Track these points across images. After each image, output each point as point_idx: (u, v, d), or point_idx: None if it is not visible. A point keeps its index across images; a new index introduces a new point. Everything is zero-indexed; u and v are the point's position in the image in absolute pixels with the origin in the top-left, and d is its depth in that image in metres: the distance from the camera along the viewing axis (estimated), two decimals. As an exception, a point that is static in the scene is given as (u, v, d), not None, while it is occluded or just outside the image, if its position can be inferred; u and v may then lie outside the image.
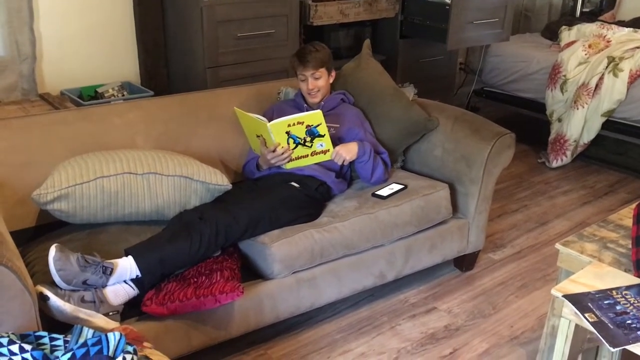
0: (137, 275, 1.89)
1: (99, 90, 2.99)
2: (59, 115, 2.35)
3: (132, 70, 3.29)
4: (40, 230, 2.15)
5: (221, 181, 2.20)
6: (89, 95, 2.99)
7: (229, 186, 2.23)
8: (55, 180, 1.98)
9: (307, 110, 2.47)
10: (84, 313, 1.75)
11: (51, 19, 2.94)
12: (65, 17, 2.99)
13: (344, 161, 2.39)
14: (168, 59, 3.32)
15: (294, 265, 2.17)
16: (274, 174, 2.43)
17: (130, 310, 1.90)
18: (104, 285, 1.84)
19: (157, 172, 2.09)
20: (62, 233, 2.10)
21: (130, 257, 1.90)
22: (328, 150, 2.37)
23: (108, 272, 1.84)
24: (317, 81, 2.52)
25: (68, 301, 1.74)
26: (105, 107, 2.48)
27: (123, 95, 3.01)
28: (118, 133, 2.33)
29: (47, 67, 2.99)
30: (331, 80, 2.61)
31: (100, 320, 1.76)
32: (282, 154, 2.32)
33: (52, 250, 1.78)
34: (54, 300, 1.72)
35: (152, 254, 1.92)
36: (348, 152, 2.39)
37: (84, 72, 3.09)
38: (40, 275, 1.87)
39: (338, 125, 2.53)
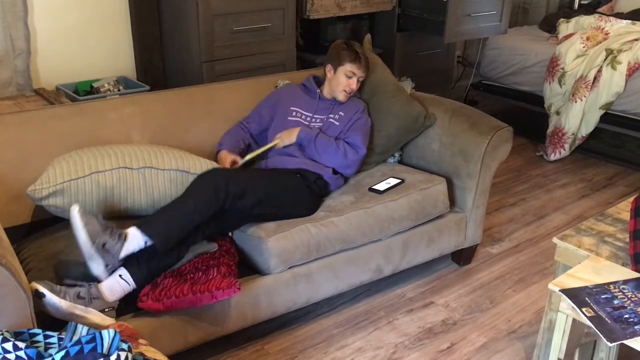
0: (148, 243, 1.87)
1: (95, 85, 2.97)
2: (54, 110, 2.33)
3: (128, 64, 3.26)
4: (35, 227, 2.14)
5: None
6: (85, 90, 2.97)
7: None
8: (50, 175, 1.96)
9: (319, 99, 2.57)
10: (79, 309, 1.74)
11: (46, 13, 2.92)
12: (60, 12, 2.97)
13: (286, 145, 2.46)
14: (164, 53, 3.30)
15: (291, 259, 2.16)
16: (271, 167, 2.43)
17: (125, 307, 1.89)
18: (119, 253, 1.82)
19: (152, 167, 2.08)
20: (57, 229, 2.09)
21: (133, 227, 1.88)
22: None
23: (123, 237, 1.84)
24: (357, 84, 2.57)
25: (64, 298, 1.73)
26: (100, 102, 2.47)
27: (119, 90, 2.99)
28: (114, 128, 2.32)
29: (42, 62, 2.97)
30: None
31: (96, 316, 1.76)
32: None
33: (75, 208, 1.79)
34: (50, 297, 1.71)
35: (158, 218, 1.93)
36: (288, 136, 2.47)
37: (79, 67, 3.07)
38: (35, 272, 1.86)
39: (342, 114, 2.55)
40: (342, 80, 2.52)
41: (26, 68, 2.87)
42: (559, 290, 1.64)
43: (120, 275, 1.87)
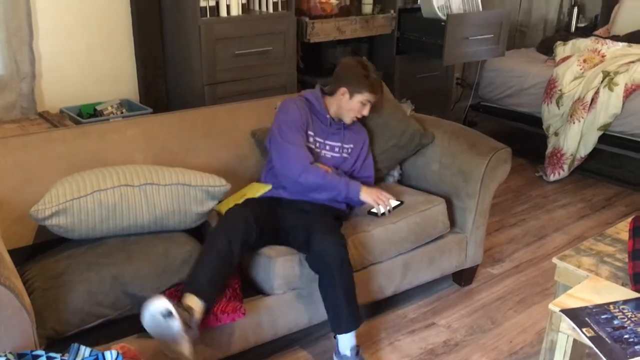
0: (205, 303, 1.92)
1: (98, 108, 3.01)
2: (57, 133, 2.36)
3: (131, 87, 3.31)
4: (38, 249, 2.15)
5: (219, 182, 2.18)
6: (88, 113, 3.01)
7: (228, 186, 2.20)
8: (53, 196, 1.98)
9: (330, 126, 2.45)
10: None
11: (51, 37, 2.97)
12: (65, 36, 3.02)
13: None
14: (166, 76, 3.35)
15: (294, 283, 2.17)
16: (296, 200, 2.36)
17: (129, 327, 1.90)
18: (197, 325, 1.88)
19: (153, 183, 2.10)
20: (61, 250, 2.10)
21: (190, 296, 1.91)
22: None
23: (192, 312, 1.87)
24: (369, 111, 2.48)
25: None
26: (104, 124, 2.50)
27: (122, 113, 3.02)
28: (117, 150, 2.34)
29: (46, 85, 3.01)
30: None
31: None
32: None
33: (166, 304, 1.79)
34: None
35: (201, 277, 1.96)
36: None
37: (83, 90, 3.11)
38: (40, 292, 1.86)
39: (352, 146, 2.51)
40: (355, 106, 2.42)
41: (31, 91, 2.91)
42: (559, 311, 1.65)
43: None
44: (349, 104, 2.42)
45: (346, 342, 2.14)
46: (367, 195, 2.34)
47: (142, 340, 1.87)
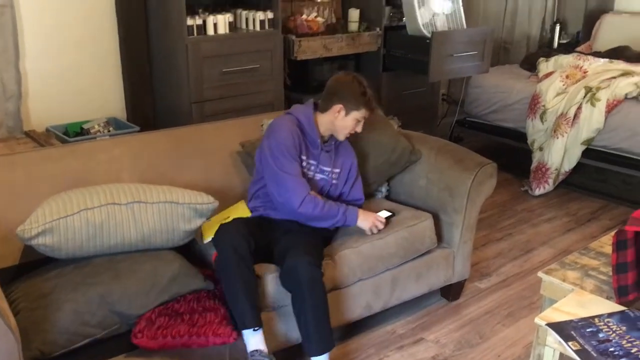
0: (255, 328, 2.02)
1: (85, 126, 3.01)
2: (44, 152, 2.36)
3: (118, 106, 3.31)
4: (24, 268, 2.13)
5: (207, 200, 2.18)
6: (75, 132, 3.00)
7: (216, 203, 2.20)
8: (39, 215, 1.97)
9: (312, 138, 2.38)
10: None
11: (37, 57, 2.97)
12: (52, 55, 3.02)
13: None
14: (154, 94, 3.35)
15: (280, 301, 2.17)
16: (284, 220, 2.36)
17: (117, 345, 1.89)
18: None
19: (141, 201, 2.09)
20: (47, 269, 2.09)
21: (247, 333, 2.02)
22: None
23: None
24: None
25: None
26: (90, 143, 2.50)
27: (109, 131, 3.02)
28: (104, 169, 2.34)
29: (32, 104, 3.01)
30: None
31: None
32: None
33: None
34: None
35: (243, 309, 2.03)
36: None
37: (70, 108, 3.11)
38: (26, 312, 1.85)
39: (339, 171, 2.47)
40: (350, 124, 2.36)
41: (17, 110, 2.90)
42: (545, 325, 1.66)
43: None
44: (344, 121, 2.35)
45: None
46: (364, 223, 2.36)
47: (129, 359, 1.86)
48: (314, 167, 2.40)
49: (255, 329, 2.01)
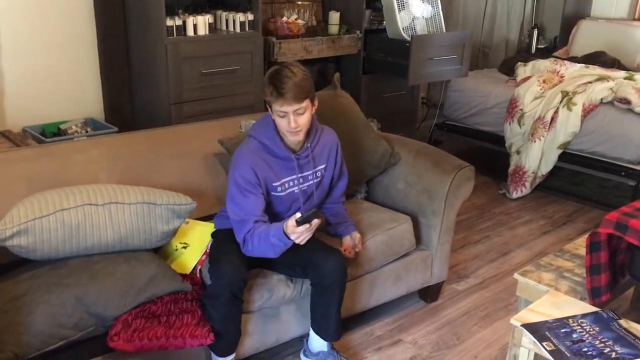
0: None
1: (62, 127, 2.97)
2: (20, 152, 2.32)
3: (96, 106, 3.28)
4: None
5: (185, 201, 2.16)
6: (52, 132, 2.97)
7: (194, 204, 2.17)
8: (14, 215, 1.94)
9: (284, 156, 2.12)
10: None
11: (14, 56, 2.93)
12: (28, 54, 2.98)
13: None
14: (133, 95, 3.33)
15: (263, 305, 2.17)
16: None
17: (94, 347, 1.87)
18: None
19: (118, 202, 2.07)
20: (21, 271, 2.05)
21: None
22: None
23: None
24: (301, 117, 2.01)
25: None
26: (67, 144, 2.47)
27: (87, 132, 2.99)
28: (81, 170, 2.32)
29: (9, 103, 2.97)
30: (314, 111, 2.10)
31: None
32: None
33: None
34: None
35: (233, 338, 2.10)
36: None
37: (47, 108, 3.07)
38: (-2, 316, 1.82)
39: (324, 166, 2.26)
40: (280, 123, 2.03)
41: (-8, 110, 2.86)
42: (521, 325, 1.68)
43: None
44: (277, 120, 2.04)
45: (322, 342, 2.28)
46: (293, 235, 1.95)
47: (105, 362, 1.85)
48: (295, 181, 2.18)
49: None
